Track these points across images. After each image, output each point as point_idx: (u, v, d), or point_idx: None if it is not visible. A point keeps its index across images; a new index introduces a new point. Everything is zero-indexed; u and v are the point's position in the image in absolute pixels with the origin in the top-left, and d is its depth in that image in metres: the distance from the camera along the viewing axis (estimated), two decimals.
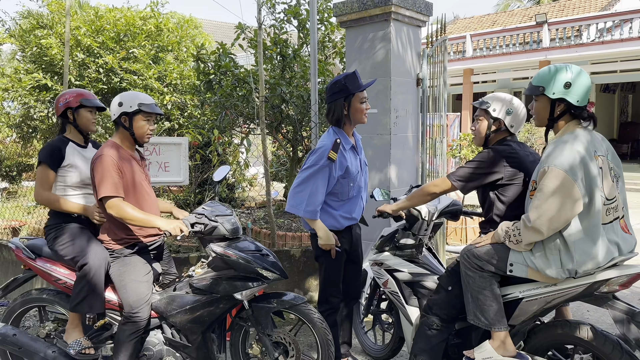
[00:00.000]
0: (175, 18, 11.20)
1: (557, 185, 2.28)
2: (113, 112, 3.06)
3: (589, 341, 2.41)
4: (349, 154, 3.18)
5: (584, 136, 2.40)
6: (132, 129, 3.05)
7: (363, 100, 3.17)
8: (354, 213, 3.27)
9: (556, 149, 2.36)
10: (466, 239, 7.21)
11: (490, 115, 2.79)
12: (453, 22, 24.48)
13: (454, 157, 8.15)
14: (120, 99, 3.05)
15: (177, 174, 4.93)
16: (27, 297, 3.27)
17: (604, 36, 15.94)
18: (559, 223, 2.30)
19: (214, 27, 24.07)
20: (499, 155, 2.69)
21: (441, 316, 2.81)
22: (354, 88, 3.11)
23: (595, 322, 4.30)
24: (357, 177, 3.23)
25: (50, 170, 3.16)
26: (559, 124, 2.50)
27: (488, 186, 2.74)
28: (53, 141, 3.27)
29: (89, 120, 3.31)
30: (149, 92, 7.83)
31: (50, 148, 3.20)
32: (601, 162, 2.39)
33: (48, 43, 7.65)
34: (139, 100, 3.03)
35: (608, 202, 2.38)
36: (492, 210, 2.75)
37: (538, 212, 2.32)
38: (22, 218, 7.45)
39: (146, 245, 3.12)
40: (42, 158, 3.17)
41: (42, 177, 3.16)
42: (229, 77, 6.36)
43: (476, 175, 2.73)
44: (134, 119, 3.03)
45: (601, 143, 2.47)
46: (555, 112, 2.47)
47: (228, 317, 3.16)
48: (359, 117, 3.19)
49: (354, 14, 4.60)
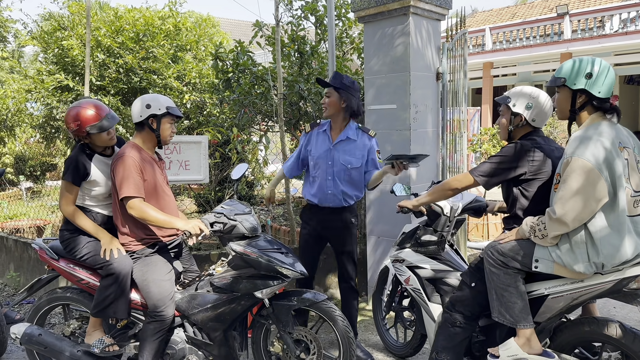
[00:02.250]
0: (193, 17, 11.28)
1: (582, 176, 2.24)
2: (139, 114, 3.04)
3: (617, 339, 2.36)
4: (319, 136, 3.66)
5: (608, 128, 2.36)
6: (158, 131, 3.07)
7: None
8: (312, 191, 3.65)
9: (580, 140, 2.32)
10: (488, 235, 7.12)
11: (511, 110, 2.74)
12: (472, 15, 24.19)
13: (475, 152, 8.05)
14: (147, 101, 3.05)
15: (197, 172, 4.95)
16: (52, 295, 3.32)
17: (628, 27, 15.59)
18: (585, 214, 2.26)
19: (232, 25, 24.16)
20: (522, 149, 2.64)
21: (465, 313, 2.77)
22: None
23: (622, 319, 4.21)
24: (320, 161, 3.60)
25: (74, 187, 3.05)
26: (582, 116, 2.45)
27: (512, 181, 2.69)
28: (78, 155, 3.07)
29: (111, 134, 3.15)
30: (168, 91, 7.89)
31: (75, 164, 3.03)
32: (627, 154, 2.34)
33: (69, 44, 7.75)
34: (167, 103, 3.08)
35: (636, 194, 2.33)
36: (515, 206, 2.70)
37: (562, 203, 2.28)
38: (47, 217, 7.58)
39: (166, 245, 3.14)
40: (68, 177, 3.02)
41: (67, 191, 3.05)
42: (247, 75, 6.36)
43: (499, 171, 2.68)
44: (162, 121, 3.06)
45: (627, 136, 2.42)
46: (577, 104, 2.44)
47: (249, 315, 3.16)
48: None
49: (372, 9, 4.56)
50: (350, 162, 3.55)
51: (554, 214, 2.31)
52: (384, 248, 4.63)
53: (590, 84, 2.37)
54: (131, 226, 3.04)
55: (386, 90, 4.58)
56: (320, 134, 3.65)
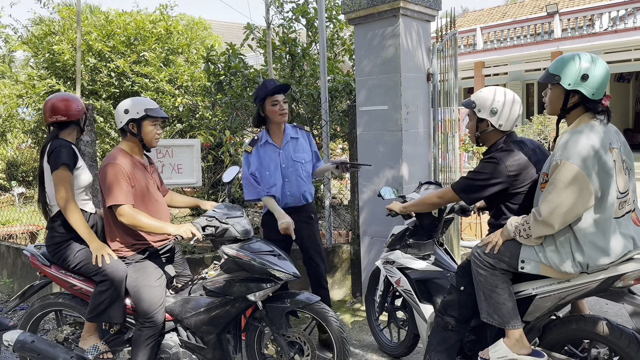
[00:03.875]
0: (185, 20, 11.27)
1: (570, 180, 2.23)
2: (120, 120, 3.04)
3: (605, 336, 2.37)
4: (265, 148, 3.63)
5: (598, 128, 2.33)
6: (140, 135, 3.04)
7: (274, 103, 3.55)
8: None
9: (570, 141, 2.29)
10: (481, 234, 7.15)
11: (477, 116, 2.69)
12: (462, 15, 24.28)
13: (467, 152, 8.09)
14: (125, 106, 3.03)
15: (190, 175, 4.95)
16: (45, 301, 3.31)
17: (617, 25, 15.71)
18: (570, 217, 2.26)
19: (224, 28, 24.13)
20: (500, 164, 2.57)
21: (456, 317, 2.77)
22: (262, 93, 3.56)
23: (614, 315, 4.26)
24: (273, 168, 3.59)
25: (69, 173, 2.99)
26: (572, 115, 2.42)
27: (493, 196, 2.65)
28: (62, 143, 3.07)
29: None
30: (160, 95, 7.89)
31: (67, 149, 3.02)
32: (615, 155, 2.33)
33: (60, 49, 7.74)
34: (144, 105, 3.03)
35: (621, 196, 2.33)
36: (500, 217, 2.68)
37: (549, 205, 2.27)
38: (40, 222, 7.54)
39: (157, 250, 3.14)
40: (64, 160, 2.97)
41: (64, 180, 2.97)
42: (239, 78, 6.38)
43: (478, 187, 2.63)
44: (142, 124, 3.03)
45: (615, 135, 2.41)
46: (569, 103, 2.40)
47: (243, 317, 3.17)
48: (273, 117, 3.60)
49: (362, 11, 4.58)
50: (302, 157, 3.70)
51: (539, 216, 2.30)
52: (378, 248, 4.65)
53: (585, 85, 2.32)
54: (121, 232, 3.02)
55: (378, 92, 4.60)
56: (263, 146, 3.64)
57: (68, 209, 2.98)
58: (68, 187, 2.99)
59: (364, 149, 4.71)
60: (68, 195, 2.98)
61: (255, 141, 3.67)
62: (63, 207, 2.99)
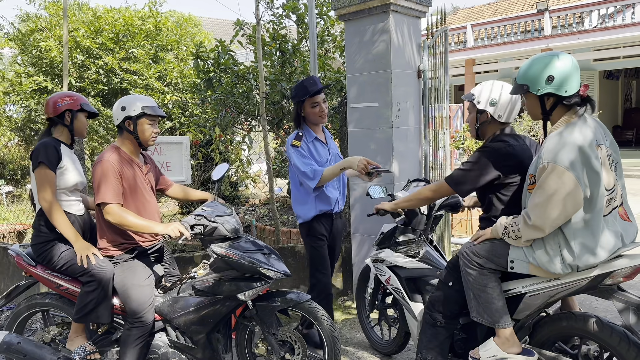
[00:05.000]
0: (175, 17, 11.18)
1: (559, 184, 2.21)
2: (116, 117, 3.01)
3: (595, 333, 2.37)
4: (315, 144, 3.49)
5: (584, 127, 2.30)
6: (136, 133, 3.00)
7: (314, 105, 3.43)
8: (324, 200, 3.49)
9: (556, 143, 2.27)
10: (472, 230, 7.17)
11: (477, 107, 2.70)
12: (453, 12, 24.32)
13: (458, 149, 8.10)
14: (122, 103, 2.99)
15: (179, 173, 4.91)
16: (31, 301, 3.26)
17: (606, 22, 15.79)
18: (560, 220, 2.25)
19: (214, 24, 24.01)
20: (494, 154, 2.59)
21: (444, 313, 2.77)
22: (302, 94, 3.41)
23: (604, 311, 4.27)
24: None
25: (50, 171, 2.94)
26: (554, 115, 2.40)
27: (486, 187, 2.65)
28: (46, 141, 3.05)
29: (84, 125, 3.24)
30: (149, 92, 7.82)
31: (46, 147, 2.98)
32: (602, 152, 2.31)
33: (47, 46, 7.65)
34: (142, 103, 2.98)
35: (607, 193, 2.32)
36: (491, 210, 2.68)
37: (539, 210, 2.25)
38: (27, 221, 7.46)
39: (145, 249, 3.10)
40: (42, 158, 2.94)
41: (44, 180, 2.93)
42: (229, 75, 6.33)
43: (471, 178, 2.62)
44: (138, 122, 2.98)
45: (600, 130, 2.38)
46: (547, 106, 2.39)
47: (233, 317, 3.14)
48: (313, 119, 3.48)
49: (352, 7, 4.55)
50: (340, 155, 3.65)
51: (529, 220, 2.29)
52: (369, 246, 4.64)
53: (553, 86, 2.32)
54: (110, 231, 2.99)
55: (368, 88, 4.58)
56: (313, 142, 3.50)
57: (50, 210, 2.94)
58: (49, 186, 2.95)
59: (355, 146, 4.69)
60: (49, 195, 2.94)
61: (300, 136, 3.47)
62: (45, 208, 2.96)
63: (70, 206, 3.12)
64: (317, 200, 3.47)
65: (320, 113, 3.42)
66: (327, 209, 3.52)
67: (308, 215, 3.49)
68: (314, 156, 3.43)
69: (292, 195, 3.58)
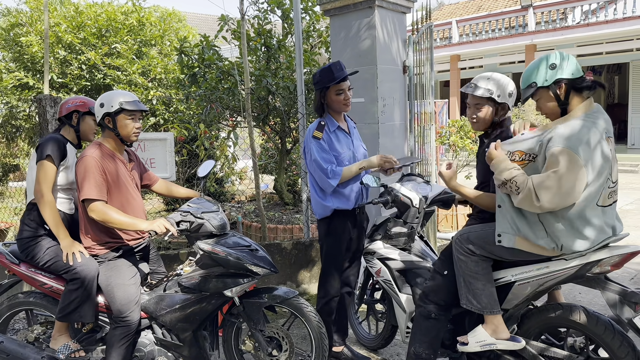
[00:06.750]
0: (158, 12, 11.06)
1: (572, 170, 2.22)
2: (97, 114, 2.98)
3: (581, 323, 2.42)
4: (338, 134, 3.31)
5: (600, 117, 2.35)
6: (116, 130, 2.94)
7: (340, 92, 3.23)
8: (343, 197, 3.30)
9: (574, 131, 2.29)
10: (457, 226, 7.21)
11: (495, 101, 2.66)
12: (438, 8, 24.42)
13: (443, 144, 8.13)
14: (101, 99, 2.95)
15: (163, 169, 4.85)
16: (14, 300, 3.21)
17: (589, 18, 15.97)
18: (564, 204, 2.27)
19: (198, 20, 23.82)
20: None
21: (438, 303, 2.78)
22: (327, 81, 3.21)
23: (587, 304, 4.33)
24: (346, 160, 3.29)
25: (53, 166, 2.97)
26: (572, 104, 2.40)
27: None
28: (55, 136, 3.10)
29: (91, 129, 3.25)
30: (133, 88, 7.73)
31: (55, 142, 3.02)
32: (611, 144, 2.36)
33: (28, 41, 7.52)
34: (120, 98, 2.93)
35: (612, 185, 2.37)
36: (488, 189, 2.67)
37: (550, 193, 2.24)
38: (9, 219, 7.35)
39: (131, 248, 3.06)
40: (49, 151, 2.96)
41: (46, 173, 2.95)
42: (214, 70, 6.28)
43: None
44: (117, 118, 2.92)
45: (610, 124, 2.41)
46: (561, 96, 2.40)
47: (219, 314, 3.12)
48: (337, 107, 3.29)
49: (338, 2, 4.54)
50: (364, 146, 3.51)
51: (537, 201, 2.27)
52: None
53: (558, 71, 2.37)
54: (94, 229, 2.94)
55: (354, 84, 4.53)
56: (335, 132, 3.31)
57: (43, 202, 2.95)
58: (48, 180, 2.97)
59: None
60: (46, 189, 2.96)
61: (323, 126, 3.27)
62: (38, 200, 2.97)
63: (62, 204, 3.11)
64: (334, 196, 3.29)
65: (345, 101, 3.26)
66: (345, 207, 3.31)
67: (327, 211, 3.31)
68: (336, 146, 3.26)
69: (311, 189, 3.38)
